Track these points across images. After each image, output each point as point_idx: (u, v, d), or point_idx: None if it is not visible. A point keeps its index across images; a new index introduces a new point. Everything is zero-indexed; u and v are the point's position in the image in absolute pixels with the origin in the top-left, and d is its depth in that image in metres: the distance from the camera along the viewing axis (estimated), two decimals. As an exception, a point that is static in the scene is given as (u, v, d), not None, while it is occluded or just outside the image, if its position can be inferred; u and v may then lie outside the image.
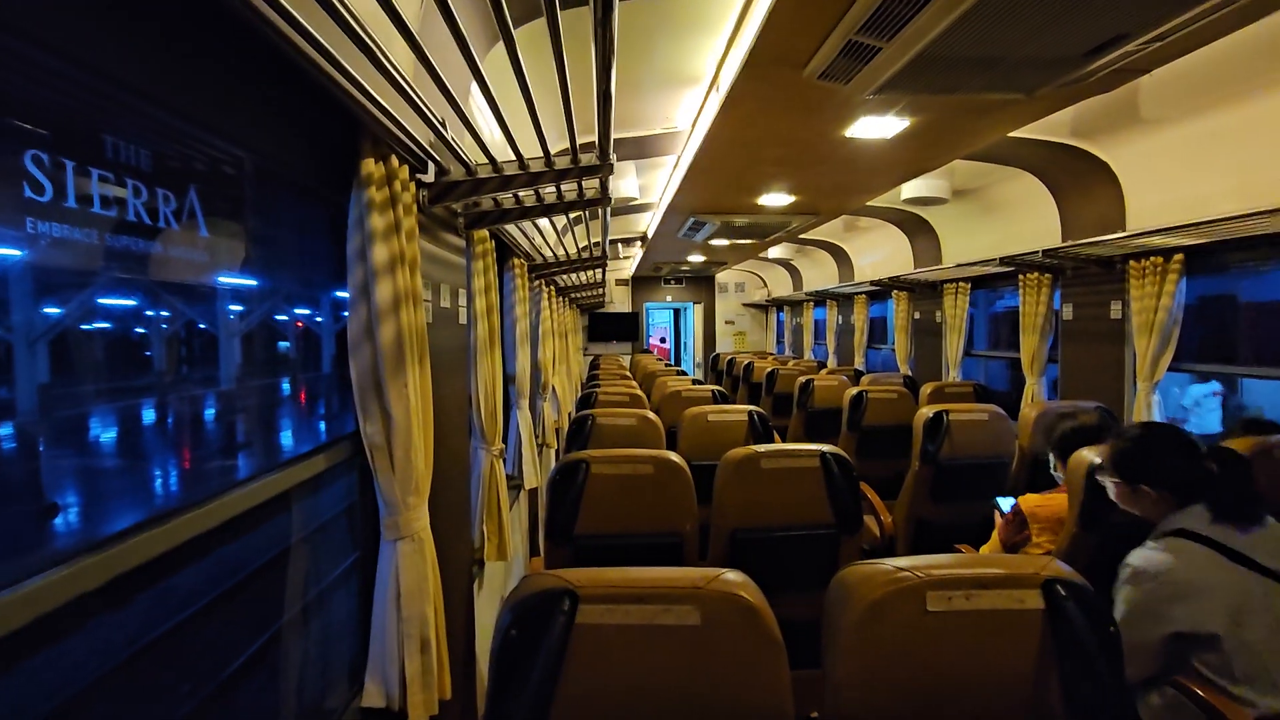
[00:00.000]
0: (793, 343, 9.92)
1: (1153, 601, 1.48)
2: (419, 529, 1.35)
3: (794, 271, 9.04)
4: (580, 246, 3.81)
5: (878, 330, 7.45)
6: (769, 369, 5.96)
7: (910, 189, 4.25)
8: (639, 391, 3.93)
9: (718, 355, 9.33)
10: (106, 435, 1.13)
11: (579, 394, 4.63)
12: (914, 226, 5.52)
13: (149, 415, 1.22)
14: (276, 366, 1.66)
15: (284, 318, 1.61)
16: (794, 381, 4.73)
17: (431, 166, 1.48)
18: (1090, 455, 1.99)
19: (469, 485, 2.17)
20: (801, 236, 6.64)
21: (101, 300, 1.01)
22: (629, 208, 5.15)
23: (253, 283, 1.40)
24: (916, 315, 5.98)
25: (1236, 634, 1.42)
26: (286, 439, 1.76)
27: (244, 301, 1.45)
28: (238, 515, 1.04)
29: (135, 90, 0.79)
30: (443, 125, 1.26)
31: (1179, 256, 3.11)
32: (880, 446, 3.77)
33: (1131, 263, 3.34)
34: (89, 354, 1.05)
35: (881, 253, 6.51)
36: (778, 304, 10.25)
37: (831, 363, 7.73)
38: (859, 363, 7.11)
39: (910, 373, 5.89)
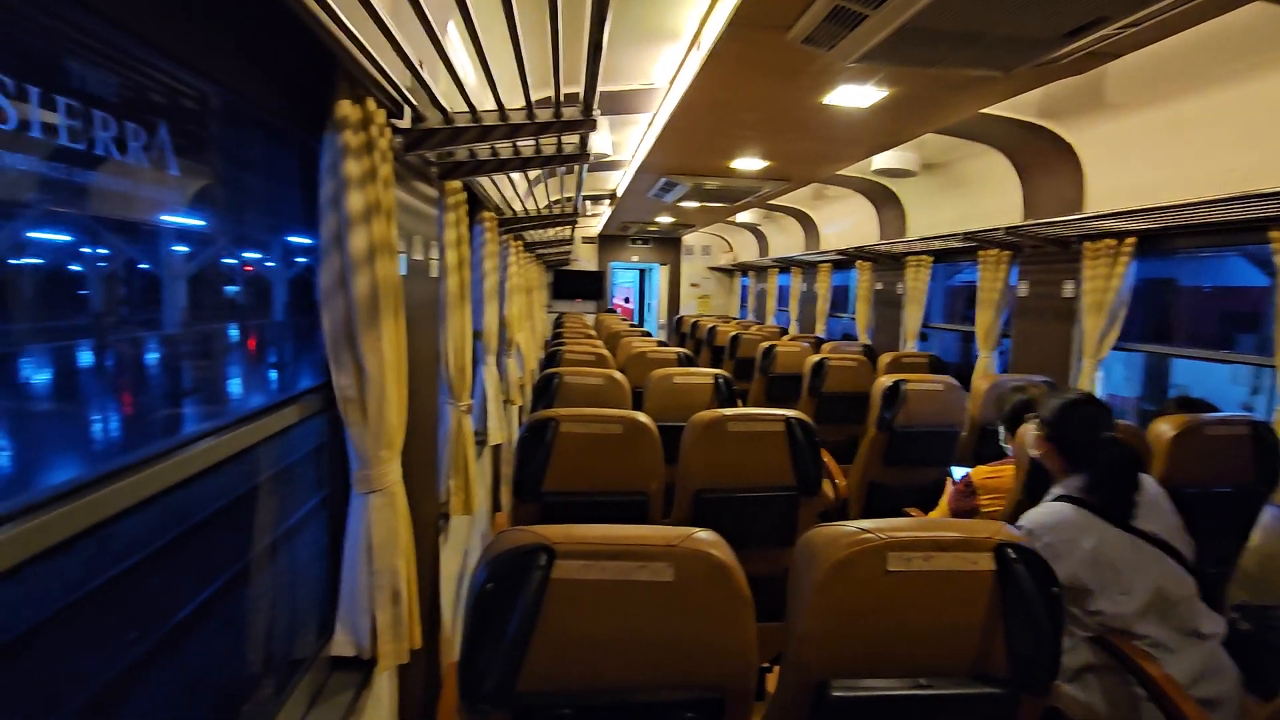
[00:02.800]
0: (756, 308, 10.01)
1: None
2: (391, 483, 1.34)
3: (761, 237, 9.06)
4: (551, 201, 3.73)
5: (839, 299, 7.58)
6: (732, 333, 6.01)
7: (881, 160, 4.28)
8: (604, 351, 3.93)
9: (681, 318, 9.36)
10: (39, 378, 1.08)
11: (544, 352, 4.59)
12: (881, 198, 5.58)
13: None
14: (237, 312, 1.61)
15: (240, 261, 1.55)
16: (756, 347, 4.80)
17: (408, 112, 1.42)
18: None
19: (437, 439, 2.16)
20: (770, 203, 6.65)
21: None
22: (600, 164, 5.06)
23: (200, 223, 1.34)
24: (879, 286, 6.10)
25: (1104, 584, 1.58)
26: (235, 387, 1.71)
27: (203, 245, 1.39)
28: (203, 470, 1.01)
29: (100, 14, 0.74)
30: (420, 66, 1.21)
31: (1131, 240, 3.24)
32: (838, 412, 3.88)
33: (1086, 244, 3.46)
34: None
35: (848, 222, 6.57)
36: (743, 269, 10.29)
37: (793, 329, 7.86)
38: (820, 330, 7.24)
39: (869, 342, 6.03)
